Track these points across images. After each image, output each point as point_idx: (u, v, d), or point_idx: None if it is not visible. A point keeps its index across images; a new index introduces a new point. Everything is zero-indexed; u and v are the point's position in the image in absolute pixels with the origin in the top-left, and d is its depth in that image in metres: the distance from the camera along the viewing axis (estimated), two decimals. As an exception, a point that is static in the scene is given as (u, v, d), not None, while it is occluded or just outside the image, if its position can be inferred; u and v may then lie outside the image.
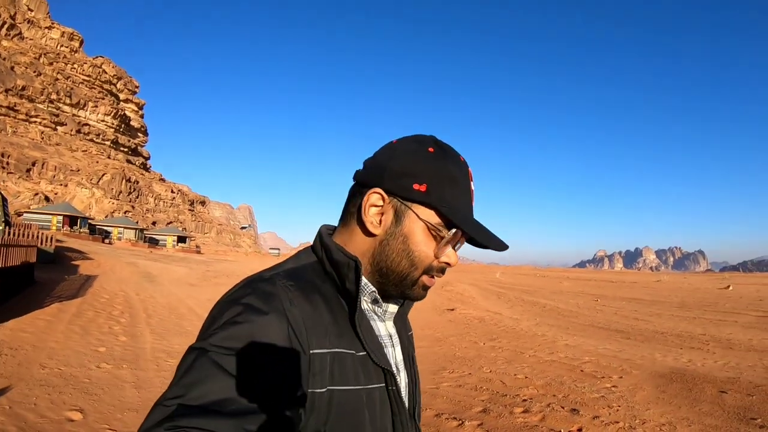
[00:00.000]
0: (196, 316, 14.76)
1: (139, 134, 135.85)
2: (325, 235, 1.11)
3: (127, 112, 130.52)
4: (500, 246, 1.07)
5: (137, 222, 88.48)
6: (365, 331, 1.02)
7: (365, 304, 1.10)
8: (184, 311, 15.36)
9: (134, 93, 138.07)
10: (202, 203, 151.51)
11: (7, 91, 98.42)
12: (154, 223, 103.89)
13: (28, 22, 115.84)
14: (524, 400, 7.37)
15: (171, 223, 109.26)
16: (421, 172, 1.04)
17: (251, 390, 0.79)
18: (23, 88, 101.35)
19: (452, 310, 19.34)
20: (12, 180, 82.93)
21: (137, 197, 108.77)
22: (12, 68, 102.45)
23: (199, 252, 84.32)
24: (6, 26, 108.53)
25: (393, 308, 1.16)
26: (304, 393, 0.88)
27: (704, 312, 21.57)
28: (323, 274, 1.05)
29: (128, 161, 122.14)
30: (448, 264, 1.09)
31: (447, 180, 1.05)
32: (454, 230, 1.04)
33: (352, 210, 1.09)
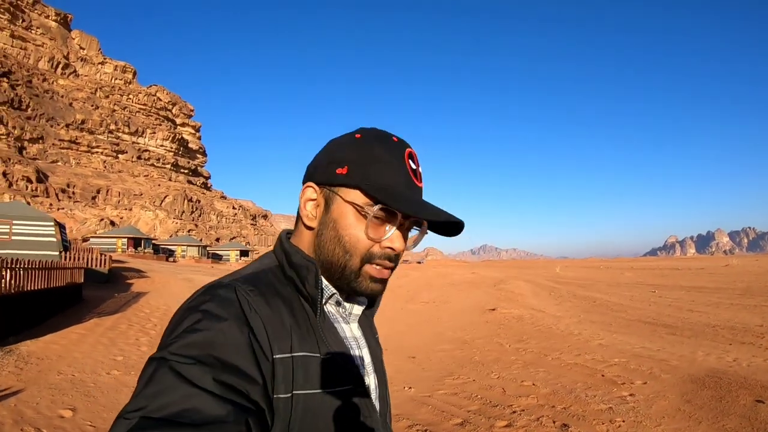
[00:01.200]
0: None
1: (198, 155, 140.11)
2: (284, 239, 1.10)
3: (185, 135, 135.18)
4: (446, 217, 1.02)
5: (200, 239, 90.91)
6: (329, 334, 1.01)
7: (328, 306, 1.08)
8: None
9: (189, 116, 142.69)
10: (264, 217, 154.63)
11: (67, 125, 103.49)
12: (217, 240, 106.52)
13: (81, 60, 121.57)
14: (514, 412, 6.81)
15: (234, 238, 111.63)
16: (343, 157, 1.04)
17: (214, 398, 0.76)
18: (83, 122, 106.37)
19: (493, 309, 18.83)
20: (78, 208, 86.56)
21: (200, 216, 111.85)
22: (70, 104, 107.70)
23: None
24: (61, 66, 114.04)
25: (357, 309, 1.14)
26: (268, 398, 0.86)
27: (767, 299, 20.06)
28: (284, 277, 1.04)
29: (189, 182, 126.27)
30: (392, 249, 1.04)
31: (370, 159, 1.03)
32: (378, 206, 1.00)
33: (298, 213, 1.10)
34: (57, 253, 22.49)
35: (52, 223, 23.52)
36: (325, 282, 1.06)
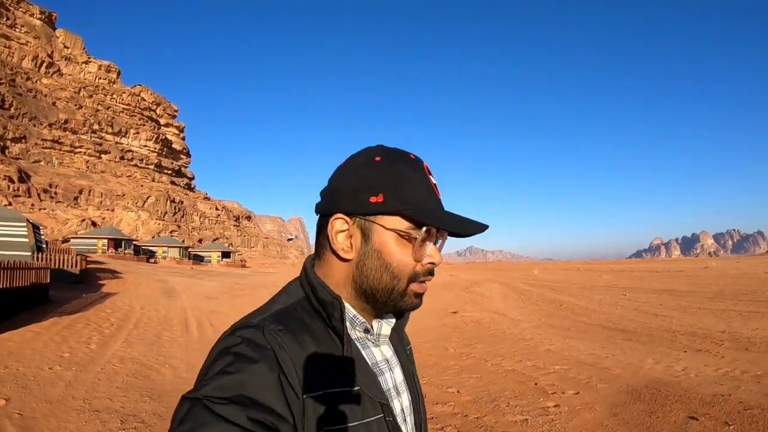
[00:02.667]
0: (185, 327, 15.26)
1: (181, 156, 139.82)
2: (309, 270, 1.09)
3: (169, 136, 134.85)
4: (478, 228, 1.07)
5: (183, 240, 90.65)
6: (358, 365, 1.01)
7: (356, 334, 1.08)
8: (176, 323, 15.80)
9: (174, 117, 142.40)
10: (248, 218, 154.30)
11: (50, 125, 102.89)
12: (200, 241, 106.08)
13: (66, 59, 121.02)
14: (420, 421, 6.47)
15: (217, 239, 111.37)
16: (373, 183, 1.03)
17: None
18: (66, 122, 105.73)
19: (455, 312, 18.91)
20: (60, 208, 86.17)
21: (182, 217, 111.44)
22: (54, 103, 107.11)
23: (244, 266, 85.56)
24: (45, 65, 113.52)
25: (386, 330, 1.14)
26: None
27: (738, 302, 19.73)
28: (312, 311, 1.04)
29: (172, 183, 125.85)
30: (433, 264, 1.07)
31: (400, 181, 1.03)
32: (424, 228, 1.02)
33: (324, 242, 1.09)
34: (29, 253, 22.79)
35: (24, 224, 23.78)
36: (352, 313, 1.07)
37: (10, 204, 72.39)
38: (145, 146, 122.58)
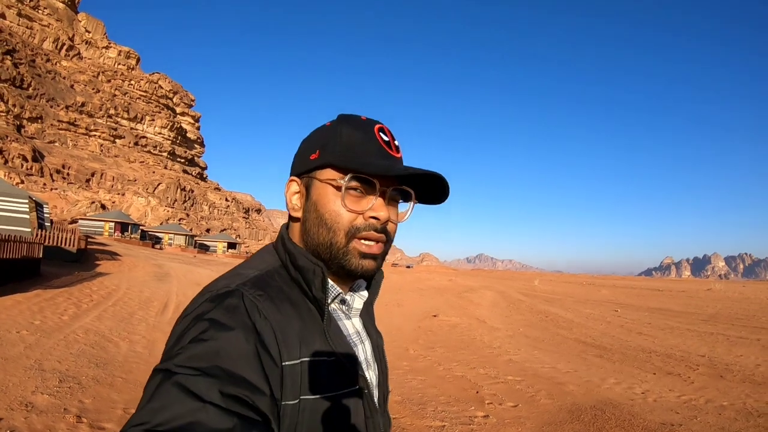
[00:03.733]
0: (162, 309, 15.48)
1: (195, 145, 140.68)
2: (285, 236, 1.10)
3: (184, 125, 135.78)
4: (435, 187, 1.08)
5: (191, 229, 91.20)
6: (335, 337, 1.01)
7: (333, 305, 1.09)
8: (155, 305, 16.01)
9: (190, 106, 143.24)
10: (258, 211, 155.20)
11: (67, 107, 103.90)
12: (208, 231, 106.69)
13: (86, 43, 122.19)
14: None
15: (225, 230, 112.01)
16: (314, 143, 1.07)
17: (220, 411, 0.76)
18: (83, 105, 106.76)
19: (435, 316, 18.87)
20: (72, 189, 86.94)
21: (192, 205, 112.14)
22: (72, 86, 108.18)
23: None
24: (65, 47, 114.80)
25: (359, 303, 1.14)
26: (276, 407, 0.86)
27: (730, 327, 19.31)
28: (290, 279, 1.04)
29: (184, 171, 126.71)
30: (376, 218, 1.03)
31: (337, 137, 1.05)
32: (350, 175, 1.02)
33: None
34: (29, 229, 23.38)
35: (26, 201, 24.38)
36: (330, 282, 1.06)
37: (22, 182, 73.35)
38: (159, 133, 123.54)
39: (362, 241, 1.03)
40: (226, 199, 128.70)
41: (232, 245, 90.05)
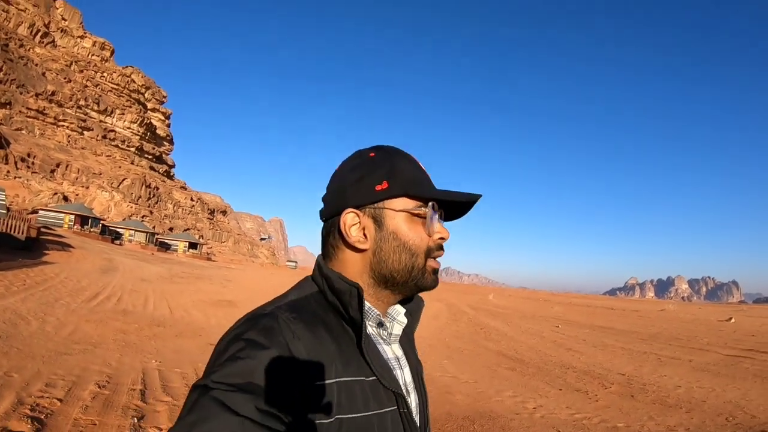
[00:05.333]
0: (91, 298, 15.91)
1: (164, 143, 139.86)
2: (323, 265, 1.12)
3: (154, 121, 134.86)
4: (472, 196, 1.13)
5: (153, 227, 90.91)
6: (373, 356, 1.03)
7: (370, 329, 1.10)
8: (87, 293, 16.46)
9: (162, 103, 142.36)
10: (223, 213, 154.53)
11: (37, 95, 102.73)
12: (171, 229, 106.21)
13: (62, 31, 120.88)
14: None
15: (188, 230, 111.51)
16: (375, 174, 1.09)
17: (254, 425, 0.79)
18: (53, 93, 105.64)
19: None
20: (36, 179, 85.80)
21: (156, 203, 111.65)
22: (43, 74, 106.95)
23: (209, 259, 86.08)
24: (40, 34, 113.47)
25: (398, 329, 1.16)
26: (310, 424, 0.88)
27: (667, 347, 19.22)
28: (326, 303, 1.06)
29: (151, 168, 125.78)
30: (443, 238, 1.12)
31: (399, 167, 1.11)
32: (431, 203, 1.09)
33: (334, 243, 1.13)
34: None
35: (-23, 187, 24.78)
36: (367, 305, 1.09)
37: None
38: (128, 128, 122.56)
39: (436, 260, 1.13)
40: (192, 199, 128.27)
41: (193, 245, 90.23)
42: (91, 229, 66.72)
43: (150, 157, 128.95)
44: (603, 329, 26.38)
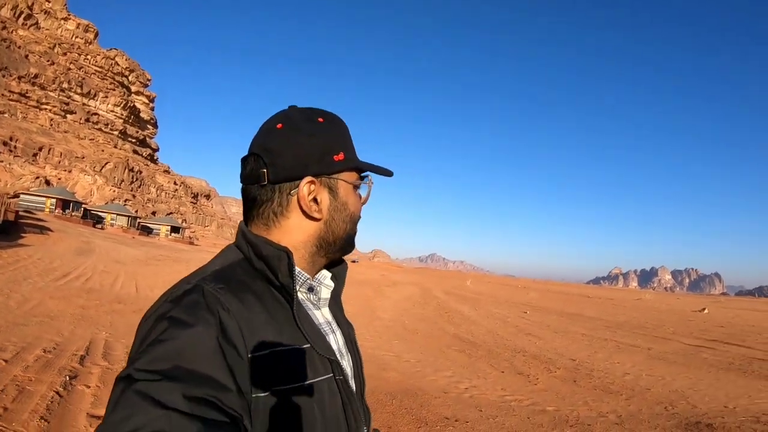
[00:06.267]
0: (59, 277, 16.35)
1: (148, 126, 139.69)
2: (246, 231, 1.07)
3: (138, 104, 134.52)
4: (389, 172, 1.20)
5: (136, 211, 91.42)
6: (305, 323, 1.00)
7: (301, 294, 1.07)
8: (56, 274, 16.87)
9: (146, 86, 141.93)
10: (207, 197, 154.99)
11: (19, 78, 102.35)
12: (153, 213, 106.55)
13: (45, 13, 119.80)
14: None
15: (171, 214, 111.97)
16: (334, 144, 1.10)
17: (183, 416, 0.72)
18: (36, 76, 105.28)
19: None
20: (18, 163, 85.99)
21: (139, 187, 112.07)
22: (26, 56, 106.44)
23: (192, 243, 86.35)
24: (23, 16, 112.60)
25: (326, 293, 1.15)
26: (245, 402, 0.83)
27: (630, 334, 19.38)
28: (253, 271, 1.02)
29: (135, 152, 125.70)
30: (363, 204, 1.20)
31: (349, 139, 1.15)
32: (368, 177, 1.17)
33: (279, 210, 1.07)
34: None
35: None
36: (297, 269, 1.06)
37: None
38: (112, 111, 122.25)
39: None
40: (175, 183, 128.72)
41: (175, 229, 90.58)
42: (73, 213, 67.34)
43: (133, 140, 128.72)
44: (571, 316, 26.78)
